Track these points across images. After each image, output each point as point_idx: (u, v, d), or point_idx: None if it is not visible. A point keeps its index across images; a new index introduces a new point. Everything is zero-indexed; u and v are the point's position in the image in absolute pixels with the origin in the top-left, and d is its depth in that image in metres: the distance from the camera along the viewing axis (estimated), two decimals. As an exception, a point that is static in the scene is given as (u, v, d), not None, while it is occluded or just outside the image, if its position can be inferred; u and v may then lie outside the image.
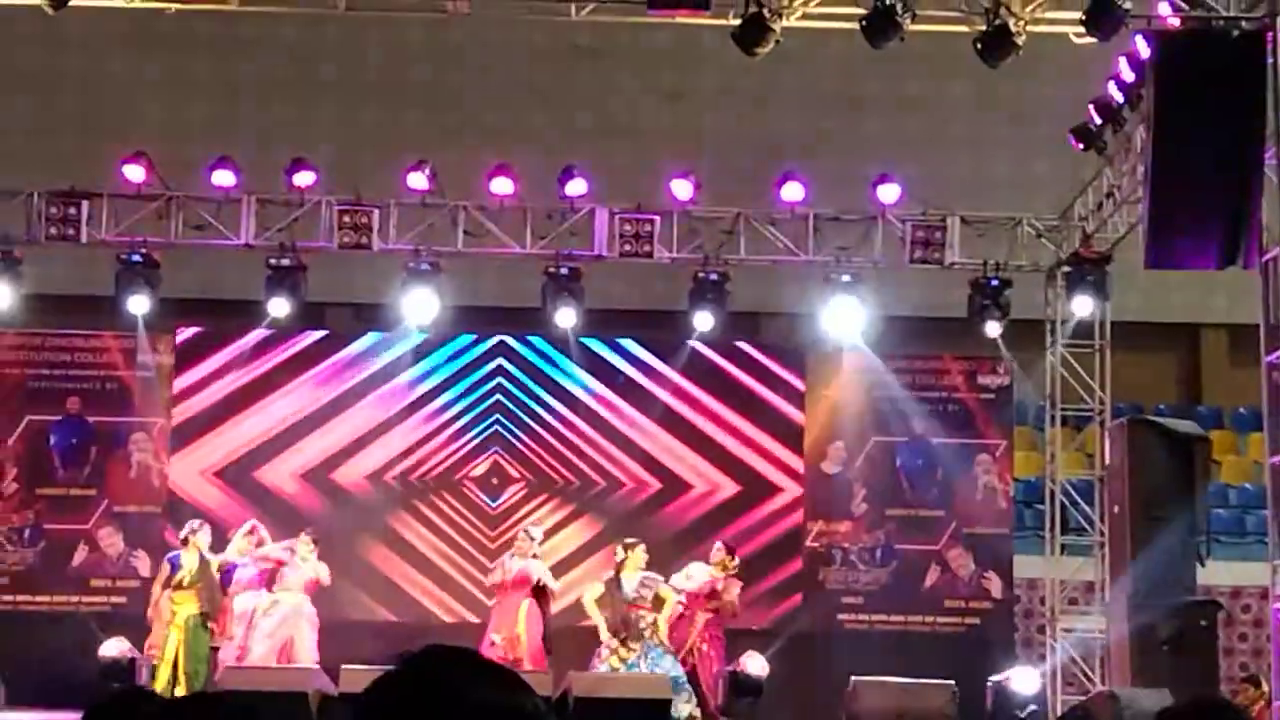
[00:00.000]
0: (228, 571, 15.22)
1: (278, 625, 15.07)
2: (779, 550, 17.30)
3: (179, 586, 14.93)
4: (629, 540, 15.31)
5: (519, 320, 17.69)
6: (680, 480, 17.37)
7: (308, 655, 15.00)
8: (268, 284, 16.66)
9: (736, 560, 15.52)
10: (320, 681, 13.98)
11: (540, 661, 14.84)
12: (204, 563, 15.05)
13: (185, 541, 15.23)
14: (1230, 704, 4.15)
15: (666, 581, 15.10)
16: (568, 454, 17.38)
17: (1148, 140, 12.95)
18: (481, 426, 17.38)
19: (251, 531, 15.42)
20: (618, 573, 14.99)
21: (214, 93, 20.62)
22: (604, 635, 14.84)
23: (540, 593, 15.20)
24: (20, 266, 16.66)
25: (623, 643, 14.76)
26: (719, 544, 15.70)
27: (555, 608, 15.63)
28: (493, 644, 14.71)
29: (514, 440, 17.38)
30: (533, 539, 15.45)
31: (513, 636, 14.88)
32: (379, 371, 17.43)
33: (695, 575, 15.29)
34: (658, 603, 14.91)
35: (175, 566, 15.04)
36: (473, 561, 17.03)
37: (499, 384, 17.43)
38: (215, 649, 15.16)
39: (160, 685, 14.25)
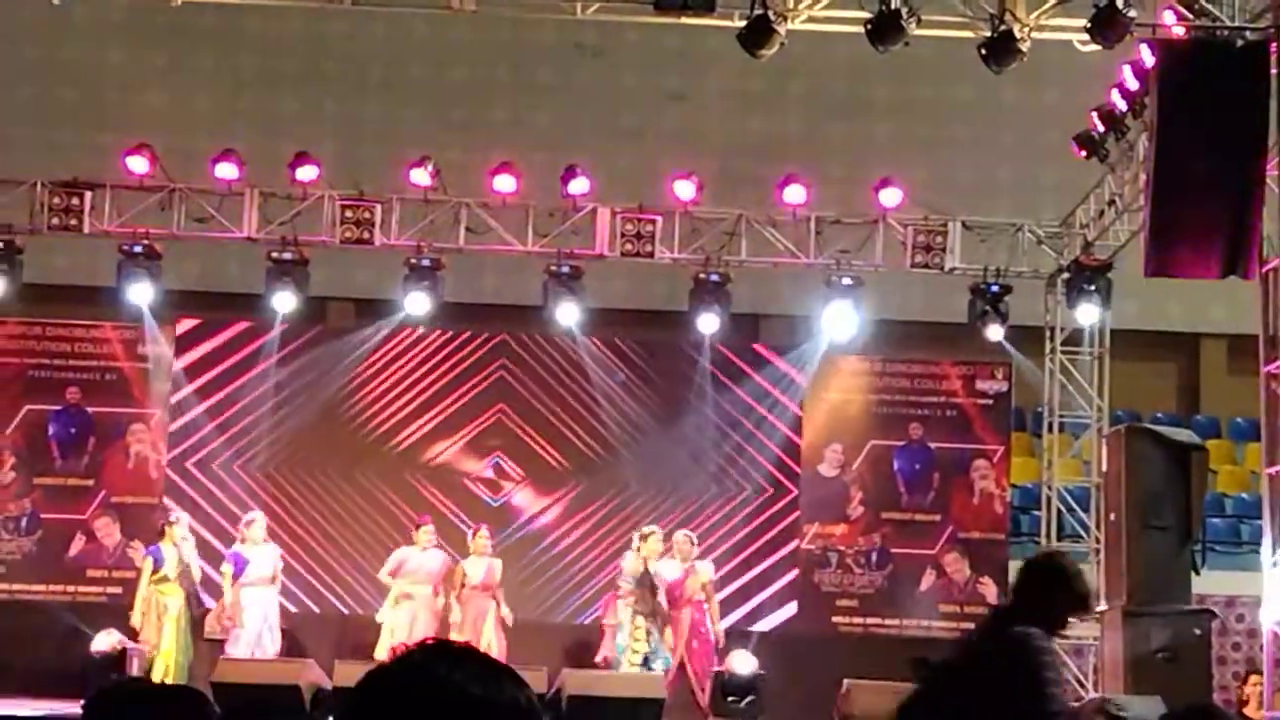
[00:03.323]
0: (237, 561, 15.29)
1: (410, 622, 15.05)
2: (774, 552, 17.31)
3: (164, 580, 14.99)
4: (645, 530, 15.45)
5: (519, 318, 17.71)
6: (675, 480, 17.37)
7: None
8: (269, 277, 16.67)
9: (696, 548, 15.56)
10: (314, 674, 14.00)
11: None
12: (182, 554, 15.13)
13: (162, 533, 15.30)
14: (1223, 712, 4.15)
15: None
16: (567, 452, 17.39)
17: (1150, 149, 12.96)
18: (482, 424, 17.38)
19: (252, 523, 15.50)
20: (645, 563, 15.12)
21: (217, 85, 20.62)
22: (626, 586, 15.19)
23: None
24: (21, 256, 16.68)
25: (647, 630, 14.91)
26: (683, 533, 15.73)
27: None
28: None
29: (514, 438, 17.38)
30: (488, 538, 15.47)
31: (478, 640, 14.78)
32: (379, 367, 17.43)
33: (668, 573, 15.33)
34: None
35: (159, 560, 15.09)
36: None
37: (500, 381, 17.42)
38: (211, 640, 15.21)
39: (158, 677, 14.26)
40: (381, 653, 14.73)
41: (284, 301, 16.73)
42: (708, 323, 16.80)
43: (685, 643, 15.19)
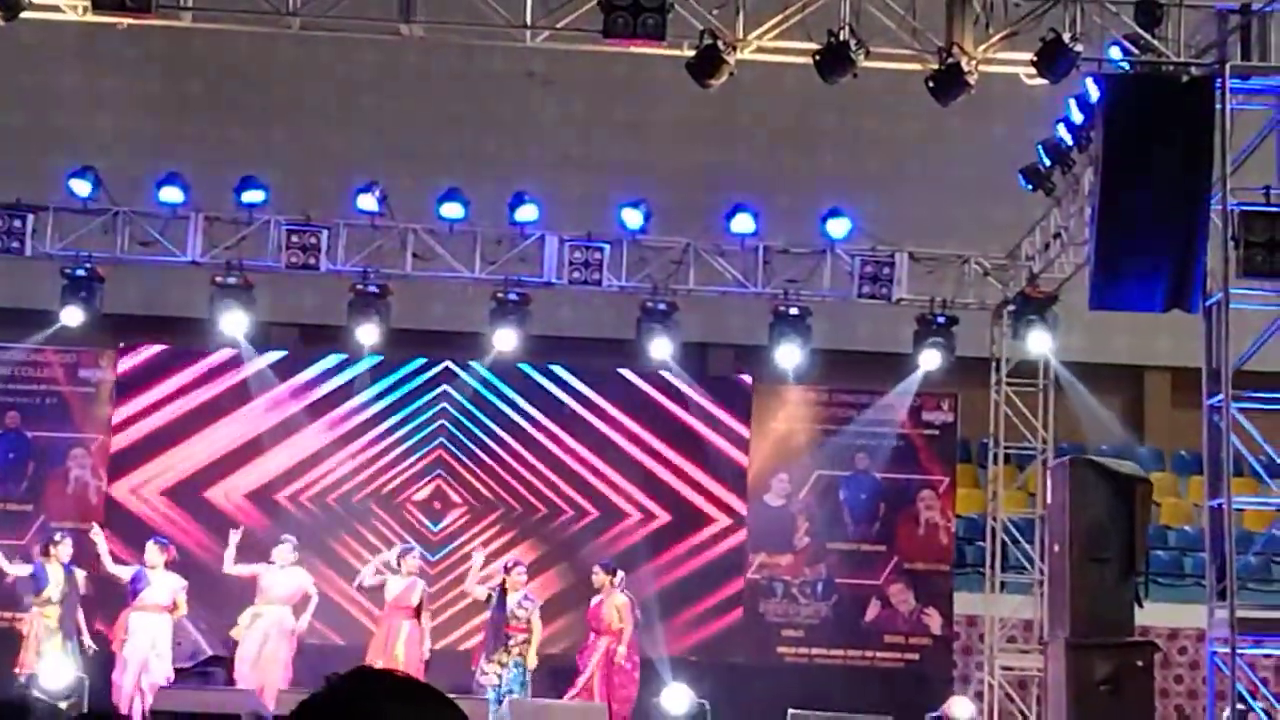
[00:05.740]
0: (133, 582, 14.90)
1: (261, 642, 14.87)
2: (719, 581, 17.29)
3: (47, 602, 14.76)
4: (509, 562, 15.30)
5: (465, 345, 17.66)
6: (620, 509, 17.35)
7: (279, 674, 14.79)
8: (213, 302, 16.58)
9: (618, 576, 15.36)
10: (253, 704, 13.87)
11: None
12: (69, 576, 14.86)
13: (46, 553, 14.99)
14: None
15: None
16: (509, 480, 17.35)
17: (1095, 183, 13.04)
18: (425, 450, 17.33)
19: (163, 549, 15.07)
20: (503, 592, 14.89)
21: (164, 109, 20.49)
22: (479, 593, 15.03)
23: (418, 614, 15.10)
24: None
25: (498, 654, 14.73)
26: (596, 566, 15.62)
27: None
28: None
29: (456, 465, 17.34)
30: (417, 558, 15.33)
31: (390, 659, 14.66)
32: (323, 392, 17.35)
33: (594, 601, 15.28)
34: (528, 626, 14.86)
35: (41, 580, 14.84)
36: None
37: (443, 408, 17.38)
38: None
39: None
40: (238, 672, 14.76)
41: (228, 326, 16.63)
42: (655, 351, 16.80)
43: (602, 675, 14.95)
